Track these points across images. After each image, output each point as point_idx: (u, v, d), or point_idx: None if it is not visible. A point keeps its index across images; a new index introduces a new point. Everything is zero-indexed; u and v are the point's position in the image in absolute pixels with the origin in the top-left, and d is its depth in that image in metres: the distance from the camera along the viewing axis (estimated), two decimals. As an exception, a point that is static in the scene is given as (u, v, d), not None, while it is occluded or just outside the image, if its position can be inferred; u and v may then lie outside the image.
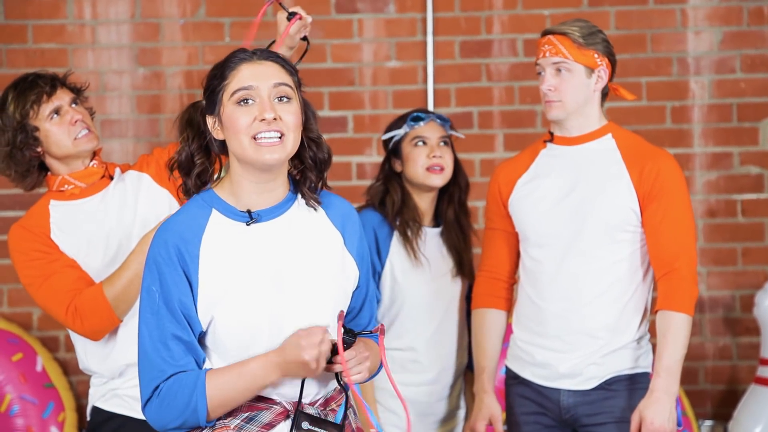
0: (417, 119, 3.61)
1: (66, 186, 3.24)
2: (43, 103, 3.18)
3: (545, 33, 3.35)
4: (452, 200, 3.68)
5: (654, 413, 3.20)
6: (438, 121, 3.63)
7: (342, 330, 2.41)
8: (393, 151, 3.66)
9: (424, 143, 3.60)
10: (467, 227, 3.69)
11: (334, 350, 2.41)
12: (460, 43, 5.14)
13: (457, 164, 3.67)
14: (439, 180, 3.59)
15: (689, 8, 5.12)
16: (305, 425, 2.44)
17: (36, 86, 3.20)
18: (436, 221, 3.69)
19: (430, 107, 5.08)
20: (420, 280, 3.59)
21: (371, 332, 2.53)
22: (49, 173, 3.27)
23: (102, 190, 3.22)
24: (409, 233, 3.57)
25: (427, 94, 5.12)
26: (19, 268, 3.20)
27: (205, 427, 2.43)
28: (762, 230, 5.14)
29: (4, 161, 3.20)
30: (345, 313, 2.55)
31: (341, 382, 2.51)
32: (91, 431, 3.27)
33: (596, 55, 3.31)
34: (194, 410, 2.39)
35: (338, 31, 5.13)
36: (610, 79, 3.37)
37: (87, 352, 3.21)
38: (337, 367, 2.43)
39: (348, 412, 2.51)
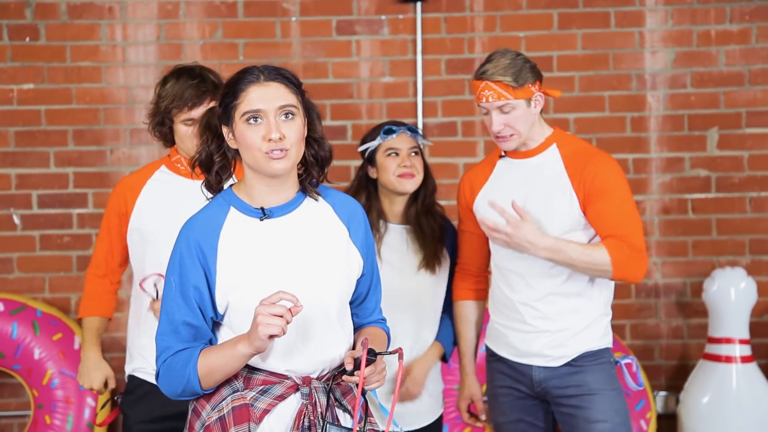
0: (389, 132, 3.53)
1: (179, 165, 3.33)
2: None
3: (479, 77, 3.23)
4: (416, 202, 3.57)
5: (526, 229, 3.15)
6: (408, 133, 3.56)
7: (366, 352, 2.40)
8: (368, 159, 3.58)
9: (396, 154, 3.52)
10: (428, 226, 3.56)
11: (357, 365, 2.41)
12: (446, 61, 5.11)
13: (427, 170, 3.59)
14: (410, 185, 3.52)
15: (646, 31, 5.08)
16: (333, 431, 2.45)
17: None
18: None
19: (420, 118, 5.07)
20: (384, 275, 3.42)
21: (391, 353, 2.48)
22: (175, 146, 3.37)
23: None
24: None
25: (417, 106, 5.09)
26: (102, 218, 3.43)
27: (205, 393, 2.46)
28: (709, 226, 5.12)
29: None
30: (352, 300, 2.60)
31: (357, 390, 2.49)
32: (128, 393, 3.40)
33: (530, 86, 3.23)
34: (188, 380, 2.42)
35: (339, 50, 5.10)
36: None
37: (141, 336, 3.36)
38: (355, 379, 2.42)
39: (365, 415, 2.52)
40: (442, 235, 3.61)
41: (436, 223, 3.60)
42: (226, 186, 2.58)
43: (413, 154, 3.55)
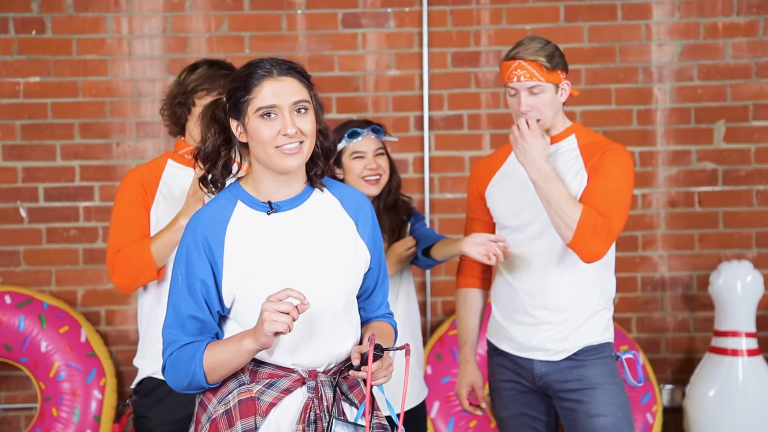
0: (354, 135, 3.53)
1: (187, 156, 3.25)
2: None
3: (513, 57, 3.25)
4: (380, 197, 3.59)
5: (541, 144, 3.18)
6: (373, 134, 3.56)
7: (373, 347, 2.41)
8: (335, 161, 3.56)
9: (362, 157, 3.53)
10: (388, 223, 3.60)
11: (363, 361, 2.42)
12: (452, 54, 5.12)
13: (393, 167, 3.62)
14: (374, 189, 3.53)
15: (653, 24, 5.09)
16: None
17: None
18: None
19: (425, 111, 5.07)
20: None
21: (398, 348, 2.49)
22: (183, 138, 3.39)
23: None
24: None
25: (422, 100, 5.09)
26: (115, 205, 3.34)
27: (210, 387, 2.47)
28: (716, 219, 5.13)
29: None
30: (359, 294, 2.61)
31: (364, 384, 2.54)
32: (146, 395, 3.36)
33: (560, 72, 3.27)
34: (194, 374, 2.43)
35: (345, 43, 5.10)
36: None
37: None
38: (362, 375, 2.43)
39: (369, 407, 2.50)
40: (402, 229, 3.65)
41: (398, 218, 3.64)
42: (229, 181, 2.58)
43: (378, 155, 3.56)
